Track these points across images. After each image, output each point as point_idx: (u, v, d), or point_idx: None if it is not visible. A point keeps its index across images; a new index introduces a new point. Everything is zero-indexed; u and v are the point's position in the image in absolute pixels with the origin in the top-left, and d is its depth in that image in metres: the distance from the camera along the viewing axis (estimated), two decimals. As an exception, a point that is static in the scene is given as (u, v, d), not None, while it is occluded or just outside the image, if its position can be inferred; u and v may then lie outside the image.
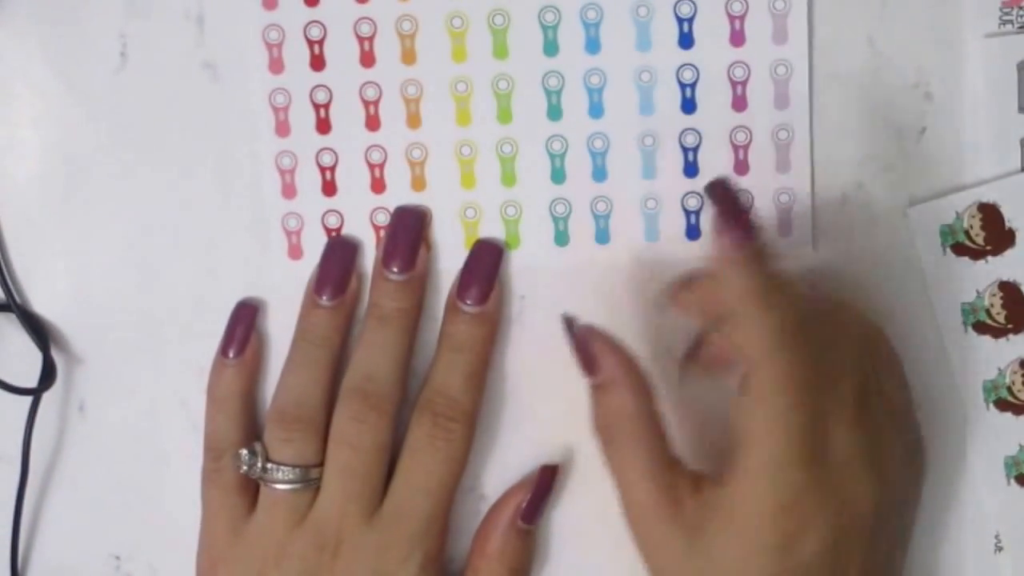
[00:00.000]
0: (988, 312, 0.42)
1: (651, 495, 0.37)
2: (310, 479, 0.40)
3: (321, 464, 0.40)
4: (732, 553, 0.36)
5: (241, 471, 0.40)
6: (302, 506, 0.40)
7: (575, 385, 0.42)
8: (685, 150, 0.42)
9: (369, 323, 0.41)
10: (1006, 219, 0.41)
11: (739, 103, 0.42)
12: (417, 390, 0.41)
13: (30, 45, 0.42)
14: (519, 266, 0.43)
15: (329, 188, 0.43)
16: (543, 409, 0.43)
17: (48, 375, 0.43)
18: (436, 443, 0.40)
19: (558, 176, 0.42)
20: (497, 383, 0.43)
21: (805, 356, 0.35)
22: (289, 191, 0.43)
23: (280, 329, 0.43)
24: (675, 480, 0.38)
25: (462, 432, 0.41)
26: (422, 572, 0.40)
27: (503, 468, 0.43)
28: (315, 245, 0.43)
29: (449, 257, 0.42)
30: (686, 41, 0.41)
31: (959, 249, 0.42)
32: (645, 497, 0.38)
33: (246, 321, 0.42)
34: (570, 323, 0.40)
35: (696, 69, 0.42)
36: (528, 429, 0.43)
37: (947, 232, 0.42)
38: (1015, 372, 0.42)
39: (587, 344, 0.39)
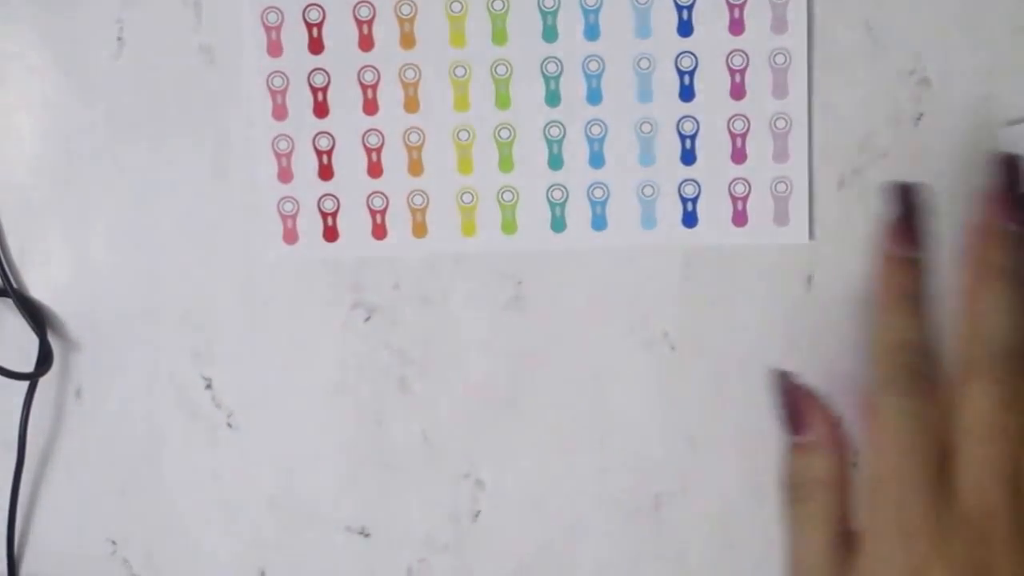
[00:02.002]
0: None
1: (822, 558, 0.37)
2: None
3: None
4: None
5: None
6: None
7: (571, 370, 0.43)
8: (683, 137, 0.42)
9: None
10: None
11: (737, 91, 0.42)
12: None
13: (27, 30, 0.42)
14: (515, 251, 0.43)
15: (326, 172, 0.42)
16: (539, 393, 0.43)
17: (45, 360, 0.43)
18: None
19: (555, 162, 0.42)
20: (493, 368, 0.43)
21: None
22: (285, 175, 0.42)
23: (275, 314, 0.43)
24: (847, 543, 0.37)
25: None
26: None
27: (499, 453, 0.43)
28: (311, 229, 0.43)
29: (446, 242, 0.42)
30: (685, 29, 0.41)
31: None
32: (817, 559, 0.37)
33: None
34: (783, 379, 0.39)
35: (695, 56, 0.42)
36: (524, 413, 0.43)
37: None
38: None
39: (798, 403, 0.38)
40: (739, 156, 0.42)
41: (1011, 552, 0.35)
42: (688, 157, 0.42)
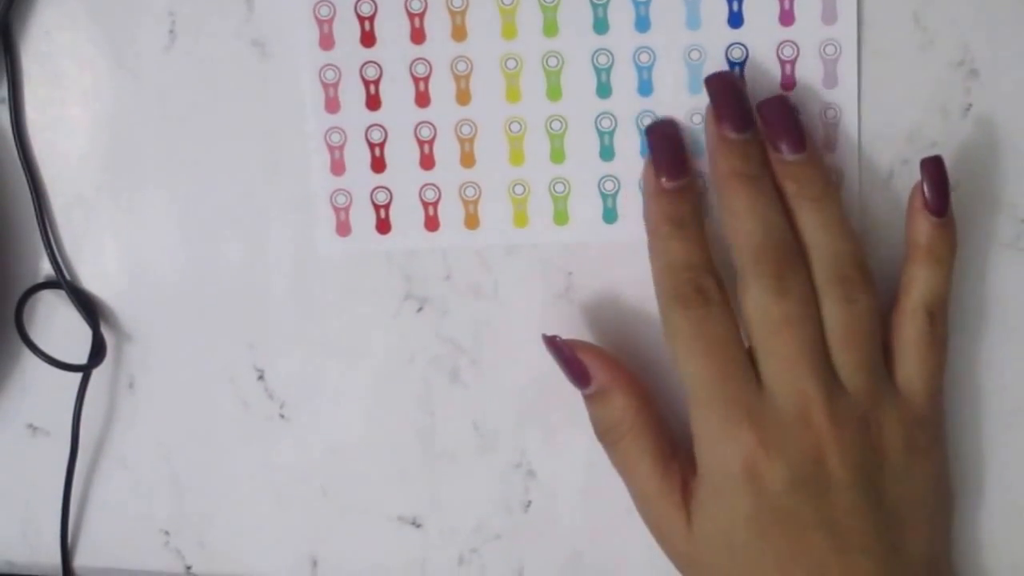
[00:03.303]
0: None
1: (656, 484, 0.40)
2: None
3: None
4: (716, 509, 0.38)
5: None
6: None
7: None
8: (733, 128, 0.42)
9: None
10: (1051, 197, 0.42)
11: (787, 82, 0.42)
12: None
13: (79, 23, 0.43)
14: (567, 243, 0.43)
15: (378, 164, 0.43)
16: (590, 385, 0.43)
17: (98, 352, 0.43)
18: None
19: (607, 153, 0.42)
20: (544, 358, 0.43)
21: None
22: (338, 167, 0.43)
23: (328, 306, 0.43)
24: (676, 465, 0.40)
25: None
26: None
27: (549, 443, 0.44)
28: (363, 221, 0.43)
29: (499, 234, 0.43)
30: (735, 20, 0.42)
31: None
32: (652, 488, 0.40)
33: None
34: (552, 341, 0.41)
35: (745, 48, 0.42)
36: (576, 403, 0.43)
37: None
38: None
39: (575, 357, 0.40)
40: (789, 147, 0.42)
41: (832, 430, 0.38)
42: (739, 148, 0.42)
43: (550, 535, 0.44)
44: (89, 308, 0.43)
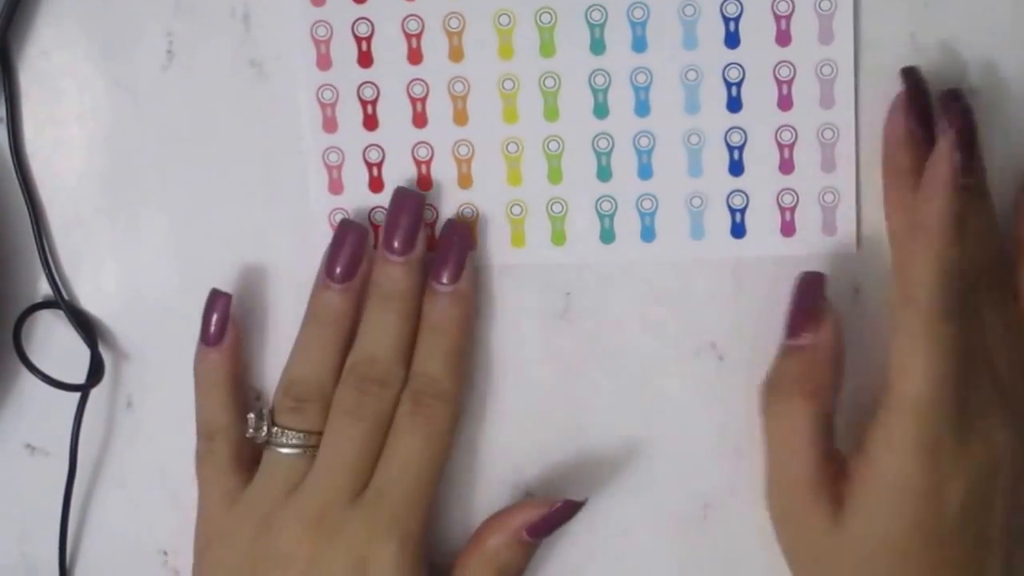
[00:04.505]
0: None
1: (811, 470, 0.38)
2: (312, 445, 0.40)
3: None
4: (881, 512, 0.37)
5: (248, 435, 0.41)
6: (299, 474, 0.40)
7: (620, 380, 0.43)
8: (731, 148, 0.42)
9: (371, 303, 0.41)
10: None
11: (785, 102, 0.42)
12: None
13: (77, 43, 0.43)
14: (564, 263, 0.43)
15: (376, 184, 0.43)
16: (588, 404, 0.43)
17: (96, 371, 0.43)
18: (417, 421, 0.40)
19: (604, 174, 0.42)
20: (542, 378, 0.43)
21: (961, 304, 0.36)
22: (336, 187, 0.43)
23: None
24: (834, 458, 0.38)
25: (443, 411, 0.40)
26: (400, 555, 0.39)
27: (547, 463, 0.44)
28: (361, 242, 0.43)
29: (496, 254, 0.43)
30: (732, 40, 0.42)
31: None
32: (805, 472, 0.38)
33: (221, 310, 0.42)
34: (813, 280, 0.40)
35: (742, 68, 0.42)
36: (573, 424, 0.43)
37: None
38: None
39: (816, 300, 0.39)
40: (787, 167, 0.42)
41: (1009, 442, 0.37)
42: (736, 168, 0.42)
43: (547, 554, 0.44)
44: (87, 328, 0.43)
